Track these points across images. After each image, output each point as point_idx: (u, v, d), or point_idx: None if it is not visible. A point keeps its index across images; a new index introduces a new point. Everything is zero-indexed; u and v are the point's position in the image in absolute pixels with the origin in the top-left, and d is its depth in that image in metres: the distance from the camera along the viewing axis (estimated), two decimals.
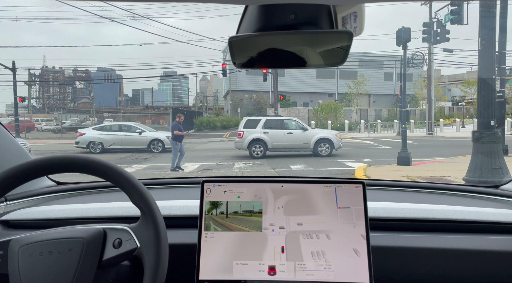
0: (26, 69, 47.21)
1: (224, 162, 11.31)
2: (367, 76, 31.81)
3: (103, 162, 0.86)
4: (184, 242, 1.10)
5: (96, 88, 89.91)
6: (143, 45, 62.03)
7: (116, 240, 0.85)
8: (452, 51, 16.84)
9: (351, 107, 31.79)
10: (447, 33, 13.56)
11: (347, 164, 10.50)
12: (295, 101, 36.25)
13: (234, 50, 0.82)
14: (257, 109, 37.44)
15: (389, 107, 35.30)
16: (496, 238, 1.11)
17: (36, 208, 1.27)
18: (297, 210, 1.03)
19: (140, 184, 0.86)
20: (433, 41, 13.86)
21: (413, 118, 25.81)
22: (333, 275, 0.97)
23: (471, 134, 6.42)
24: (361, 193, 1.03)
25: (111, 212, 1.21)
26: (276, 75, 23.18)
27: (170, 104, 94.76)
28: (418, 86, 32.06)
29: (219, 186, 1.06)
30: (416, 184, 1.53)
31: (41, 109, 65.91)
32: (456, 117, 28.17)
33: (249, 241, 1.01)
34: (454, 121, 26.39)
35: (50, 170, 0.87)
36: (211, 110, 56.38)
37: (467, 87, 32.00)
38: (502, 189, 1.42)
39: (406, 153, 10.02)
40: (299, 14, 0.77)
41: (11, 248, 0.85)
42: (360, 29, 0.84)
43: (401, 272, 1.09)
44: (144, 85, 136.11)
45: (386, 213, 1.17)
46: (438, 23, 13.62)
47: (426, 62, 20.22)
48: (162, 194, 1.43)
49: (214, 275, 0.98)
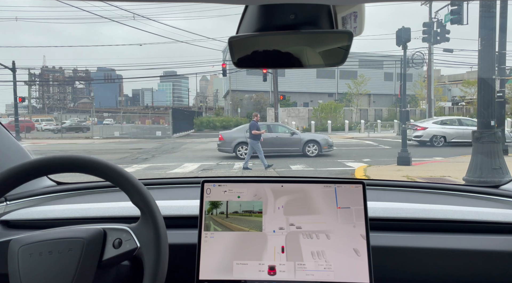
0: (26, 69, 47.26)
1: (224, 162, 11.26)
2: (367, 76, 31.82)
3: (103, 162, 0.86)
4: (184, 242, 1.10)
5: (96, 88, 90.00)
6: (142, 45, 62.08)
7: (116, 240, 0.85)
8: (452, 51, 16.88)
9: (351, 107, 31.79)
10: (447, 33, 13.59)
11: (347, 164, 10.46)
12: (295, 101, 36.27)
13: (234, 50, 0.82)
14: (257, 110, 37.46)
15: (389, 107, 35.32)
16: (496, 238, 1.11)
17: (36, 208, 1.27)
18: (297, 210, 1.03)
19: (140, 184, 0.86)
20: (433, 41, 13.88)
21: (413, 118, 25.77)
22: (333, 275, 0.97)
23: (471, 134, 6.42)
24: (361, 193, 1.03)
25: (111, 212, 1.21)
26: (276, 75, 23.18)
27: (170, 104, 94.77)
28: (418, 86, 32.06)
29: (219, 186, 1.06)
30: (416, 184, 1.53)
31: (41, 109, 65.90)
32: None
33: (249, 241, 1.01)
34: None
35: (50, 170, 0.87)
36: (211, 110, 56.40)
37: (467, 87, 31.96)
38: (502, 189, 1.42)
39: (406, 153, 9.99)
40: (299, 14, 0.77)
41: (11, 248, 0.85)
42: (360, 29, 0.84)
43: (401, 272, 1.09)
44: (144, 85, 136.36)
45: (386, 213, 1.17)
46: (438, 23, 13.64)
47: (426, 62, 20.23)
48: (162, 194, 1.43)
49: (214, 275, 0.98)
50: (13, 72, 21.10)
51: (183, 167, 10.46)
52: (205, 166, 10.46)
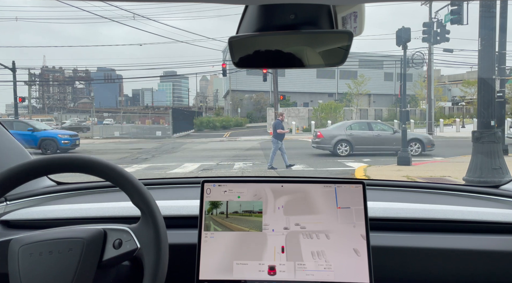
0: (26, 69, 47.21)
1: (224, 162, 11.22)
2: (367, 76, 31.74)
3: (103, 162, 0.86)
4: (184, 242, 1.10)
5: (96, 88, 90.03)
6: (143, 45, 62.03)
7: (116, 240, 0.85)
8: (452, 51, 16.82)
9: (351, 107, 31.71)
10: (447, 33, 13.56)
11: (347, 164, 10.46)
12: (295, 101, 36.22)
13: (234, 50, 0.82)
14: (257, 110, 37.44)
15: (389, 107, 35.23)
16: (496, 238, 1.11)
17: (36, 208, 1.27)
18: (297, 210, 1.03)
19: (140, 184, 0.86)
20: (433, 41, 13.84)
21: (413, 118, 25.67)
22: (333, 275, 0.97)
23: (471, 134, 6.42)
24: (361, 193, 1.03)
25: (111, 212, 1.21)
26: (276, 75, 23.16)
27: (170, 104, 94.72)
28: (418, 86, 32.00)
29: (219, 186, 1.06)
30: (416, 184, 1.53)
31: (41, 109, 65.88)
32: (456, 117, 28.08)
33: (249, 241, 1.01)
34: (454, 121, 26.24)
35: (50, 170, 0.87)
36: (211, 110, 56.37)
37: (467, 87, 31.89)
38: (502, 189, 1.42)
39: (406, 152, 9.98)
40: (299, 14, 0.77)
41: (11, 248, 0.85)
42: (360, 29, 0.84)
43: (401, 272, 1.09)
44: (144, 86, 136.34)
45: (386, 213, 1.17)
46: (438, 23, 13.62)
47: (426, 62, 20.17)
48: (162, 194, 1.43)
49: (214, 275, 0.98)
50: (13, 72, 21.11)
51: (183, 167, 10.44)
52: (205, 166, 10.45)
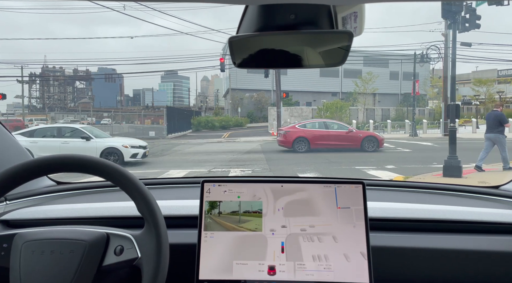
0: (25, 69, 47.11)
1: (218, 168, 9.66)
2: (372, 74, 31.24)
3: (103, 162, 0.86)
4: (184, 242, 1.10)
5: (97, 88, 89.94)
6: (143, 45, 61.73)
7: (118, 247, 0.85)
8: (470, 45, 15.20)
9: (356, 106, 31.15)
10: (478, 19, 10.93)
11: (368, 172, 8.64)
12: (298, 101, 35.86)
13: (234, 50, 0.82)
14: (258, 109, 37.27)
15: (396, 107, 34.57)
16: (496, 238, 1.11)
17: (36, 208, 1.27)
18: (297, 210, 1.03)
19: (146, 190, 0.85)
20: (461, 29, 11.00)
21: (422, 118, 25.07)
22: (333, 275, 0.97)
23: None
24: (361, 193, 1.03)
25: (111, 212, 1.21)
26: (278, 74, 22.97)
27: (171, 104, 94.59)
28: (428, 84, 31.29)
29: (219, 186, 1.06)
30: (416, 184, 1.54)
31: (42, 109, 65.86)
32: (467, 118, 27.44)
33: (249, 241, 1.01)
34: (466, 121, 25.07)
35: (50, 170, 0.87)
36: (211, 110, 56.28)
37: (478, 86, 31.19)
38: (502, 189, 1.42)
39: (456, 160, 7.85)
40: (299, 14, 0.77)
41: (15, 243, 0.85)
42: (360, 29, 0.84)
43: (401, 272, 1.09)
44: (144, 86, 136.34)
45: (386, 213, 1.17)
46: (467, 7, 10.97)
47: (442, 57, 18.31)
48: (162, 194, 1.43)
49: (213, 275, 0.98)
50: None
51: (166, 174, 8.76)
52: (194, 173, 8.75)
